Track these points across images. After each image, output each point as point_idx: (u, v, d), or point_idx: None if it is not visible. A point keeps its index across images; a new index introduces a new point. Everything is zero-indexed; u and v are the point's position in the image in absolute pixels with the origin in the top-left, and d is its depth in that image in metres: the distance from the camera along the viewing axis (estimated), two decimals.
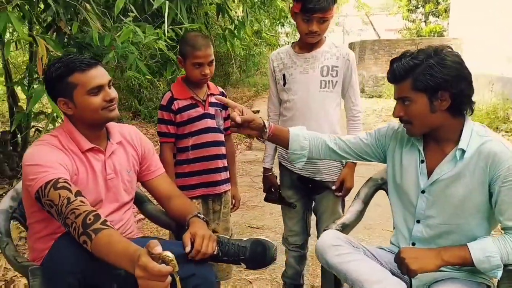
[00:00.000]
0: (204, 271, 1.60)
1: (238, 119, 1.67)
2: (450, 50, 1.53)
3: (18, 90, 3.87)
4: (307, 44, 2.16)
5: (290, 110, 2.22)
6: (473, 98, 1.55)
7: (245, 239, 1.73)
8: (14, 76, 4.34)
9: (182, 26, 3.71)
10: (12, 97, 4.15)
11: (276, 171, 2.40)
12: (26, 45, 3.80)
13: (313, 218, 2.39)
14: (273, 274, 2.88)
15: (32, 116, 3.48)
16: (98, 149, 1.68)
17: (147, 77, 3.51)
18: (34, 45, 3.11)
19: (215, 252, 1.64)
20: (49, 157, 1.52)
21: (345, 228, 1.83)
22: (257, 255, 1.68)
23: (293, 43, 2.27)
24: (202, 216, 1.73)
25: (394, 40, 13.95)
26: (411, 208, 1.66)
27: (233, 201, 2.34)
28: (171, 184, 1.92)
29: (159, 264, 1.15)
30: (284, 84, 2.22)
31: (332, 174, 2.19)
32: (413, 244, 1.66)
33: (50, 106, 3.01)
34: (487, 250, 1.46)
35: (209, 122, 2.14)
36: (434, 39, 14.03)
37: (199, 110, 2.12)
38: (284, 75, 2.22)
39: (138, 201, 2.04)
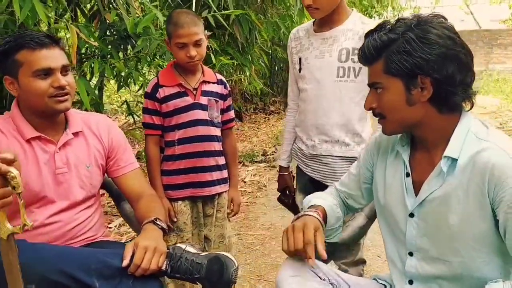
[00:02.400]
0: None
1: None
2: (440, 20, 1.11)
3: None
4: (325, 20, 1.80)
5: (303, 102, 1.91)
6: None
7: (204, 253, 1.44)
8: None
9: (225, 12, 3.48)
10: None
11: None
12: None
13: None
14: None
15: None
16: (47, 139, 1.49)
17: None
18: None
19: (163, 268, 1.38)
20: None
21: (336, 248, 1.46)
22: (213, 275, 1.38)
23: None
24: (159, 223, 1.47)
25: (494, 31, 12.60)
26: (401, 236, 1.26)
27: (232, 205, 2.04)
28: (143, 182, 1.68)
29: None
30: (300, 70, 1.89)
31: None
32: (410, 282, 1.25)
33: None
34: None
35: (199, 114, 1.86)
36: None
37: (188, 100, 1.85)
38: (300, 59, 1.88)
39: (116, 199, 1.83)
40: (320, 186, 1.85)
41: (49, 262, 1.23)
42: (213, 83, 1.92)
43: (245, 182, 4.55)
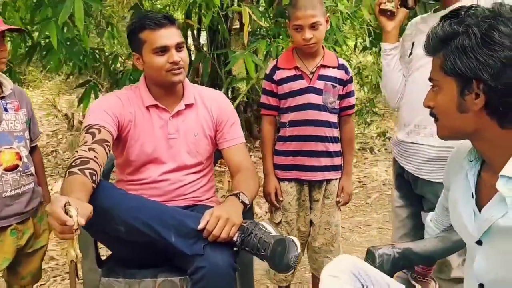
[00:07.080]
0: (214, 254, 1.44)
1: None
2: None
3: None
4: None
5: (405, 93, 1.76)
6: None
7: (274, 233, 1.48)
8: None
9: None
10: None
11: None
12: None
13: None
14: None
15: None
16: (163, 108, 1.71)
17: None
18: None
19: (234, 238, 1.47)
20: (100, 105, 1.66)
21: (404, 260, 1.31)
22: (276, 256, 1.41)
23: None
24: (241, 197, 1.56)
25: None
26: (471, 264, 1.07)
27: (342, 194, 1.99)
28: (243, 157, 1.78)
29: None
30: (410, 54, 1.74)
31: None
32: None
33: None
34: None
35: (313, 98, 1.86)
36: None
37: (302, 83, 1.86)
38: (413, 43, 1.73)
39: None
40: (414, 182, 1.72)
41: (130, 210, 1.44)
42: (333, 67, 1.89)
43: None
